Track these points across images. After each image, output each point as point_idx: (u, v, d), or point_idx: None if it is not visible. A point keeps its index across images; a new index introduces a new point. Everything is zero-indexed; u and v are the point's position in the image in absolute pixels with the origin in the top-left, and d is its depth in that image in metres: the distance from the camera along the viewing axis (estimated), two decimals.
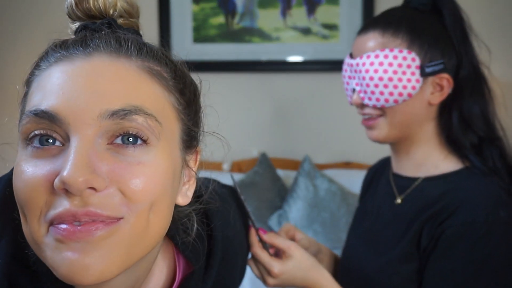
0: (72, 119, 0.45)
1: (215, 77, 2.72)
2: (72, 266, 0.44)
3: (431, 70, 0.91)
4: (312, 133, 2.71)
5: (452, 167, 0.95)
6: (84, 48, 0.49)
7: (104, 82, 0.47)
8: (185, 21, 2.65)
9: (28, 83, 0.52)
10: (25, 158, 0.47)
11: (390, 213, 1.01)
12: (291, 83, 2.68)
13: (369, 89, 0.93)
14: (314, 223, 2.28)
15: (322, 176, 2.40)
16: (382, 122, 0.96)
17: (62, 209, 0.44)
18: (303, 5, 2.60)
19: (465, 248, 0.84)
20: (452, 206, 0.87)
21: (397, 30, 0.93)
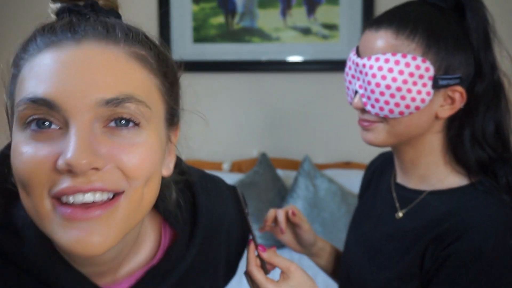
0: (69, 106, 0.48)
1: (215, 77, 2.71)
2: (77, 243, 0.49)
3: (445, 84, 0.81)
4: (312, 133, 2.71)
5: (458, 182, 0.88)
6: (72, 34, 0.51)
7: (97, 71, 0.50)
8: (185, 21, 2.65)
9: (17, 66, 0.53)
10: (24, 140, 0.49)
11: (391, 226, 0.94)
12: (291, 83, 2.68)
13: (374, 95, 0.83)
14: (314, 223, 2.28)
15: (322, 176, 2.40)
16: (380, 128, 0.87)
17: (66, 185, 0.48)
18: (303, 5, 2.60)
19: (471, 276, 0.79)
20: (459, 229, 0.81)
21: (413, 32, 0.82)
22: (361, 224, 1.06)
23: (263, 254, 0.81)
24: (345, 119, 2.65)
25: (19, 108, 0.50)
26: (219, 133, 2.75)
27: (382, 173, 1.07)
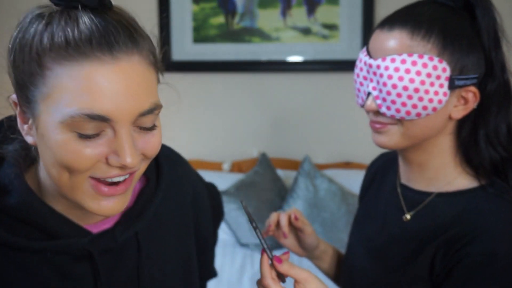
0: (118, 118, 0.60)
1: (215, 77, 2.72)
2: (104, 210, 0.64)
3: (462, 84, 0.80)
4: (312, 133, 2.71)
5: (467, 184, 0.86)
6: (108, 48, 0.59)
7: (136, 87, 0.60)
8: (185, 21, 2.65)
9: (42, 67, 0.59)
10: (70, 140, 0.60)
11: (398, 228, 0.93)
12: (291, 83, 2.68)
13: (390, 97, 0.81)
14: (314, 223, 2.28)
15: (322, 176, 2.40)
16: (394, 130, 0.85)
17: (114, 173, 0.62)
18: (303, 5, 2.60)
19: (483, 280, 0.77)
20: (471, 233, 0.80)
21: (428, 33, 0.80)
22: (365, 225, 1.04)
23: (280, 267, 0.79)
24: (345, 119, 2.65)
25: (73, 119, 0.58)
26: (219, 133, 2.75)
27: (384, 174, 1.05)
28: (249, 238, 2.30)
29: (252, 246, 2.30)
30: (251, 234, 2.30)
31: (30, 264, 0.67)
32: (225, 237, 2.35)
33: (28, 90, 0.61)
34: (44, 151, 0.63)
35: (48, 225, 0.67)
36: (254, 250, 2.28)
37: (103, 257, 0.71)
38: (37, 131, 0.63)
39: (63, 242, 0.68)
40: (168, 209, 0.82)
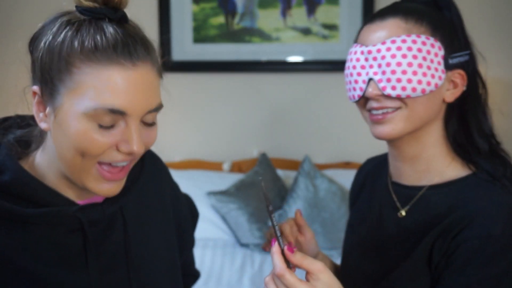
0: (132, 113, 0.72)
1: (215, 77, 2.72)
2: (106, 191, 0.76)
3: (456, 61, 0.85)
4: (312, 133, 2.71)
5: (458, 173, 0.89)
6: (130, 56, 0.71)
7: (148, 91, 0.74)
8: (185, 21, 2.65)
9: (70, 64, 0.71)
10: (90, 129, 0.71)
11: (394, 226, 0.94)
12: (291, 83, 2.68)
13: (395, 76, 0.83)
14: (314, 223, 2.28)
15: (322, 176, 2.40)
16: (399, 115, 0.86)
17: (120, 158, 0.74)
18: (303, 5, 2.61)
19: (481, 263, 0.79)
20: (465, 219, 0.81)
21: (420, 18, 0.86)
22: (360, 228, 1.05)
23: (292, 257, 0.77)
24: (345, 119, 2.65)
25: (97, 111, 0.70)
26: (219, 133, 2.75)
27: (375, 178, 1.06)
28: (249, 238, 2.30)
29: (252, 246, 2.30)
30: (251, 234, 2.30)
31: (26, 236, 0.75)
32: (225, 237, 2.35)
33: (53, 84, 0.72)
34: (59, 136, 0.74)
35: (40, 197, 0.76)
36: (254, 250, 2.28)
37: (93, 230, 0.80)
38: (54, 118, 0.73)
39: (55, 209, 0.76)
40: (150, 198, 0.93)
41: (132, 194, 0.86)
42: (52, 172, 0.78)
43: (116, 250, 0.83)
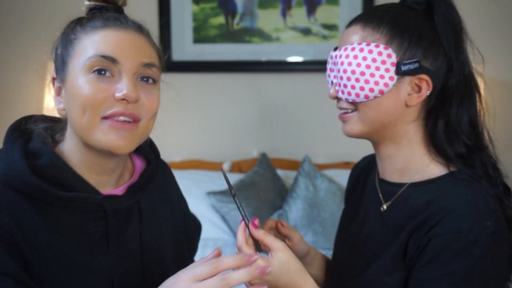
0: (124, 62, 0.82)
1: (215, 77, 2.72)
2: (114, 142, 0.82)
3: (407, 69, 0.88)
4: (312, 133, 2.71)
5: (438, 172, 0.92)
6: (120, 23, 0.85)
7: (139, 46, 0.85)
8: (185, 22, 2.65)
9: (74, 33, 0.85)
10: (89, 79, 0.81)
11: (377, 220, 0.98)
12: (291, 83, 2.69)
13: (343, 82, 0.91)
14: (314, 223, 2.29)
15: (322, 176, 2.40)
16: (354, 117, 0.93)
17: (119, 109, 0.81)
18: (303, 5, 2.61)
19: (450, 257, 0.82)
20: (438, 215, 0.85)
21: (378, 25, 0.90)
22: (348, 225, 1.08)
23: (255, 233, 0.84)
24: None
25: (91, 60, 0.81)
26: (219, 133, 2.75)
27: (367, 175, 1.10)
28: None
29: None
30: None
31: (56, 218, 0.82)
32: (225, 237, 2.35)
33: (63, 61, 0.85)
34: (70, 103, 0.83)
35: (71, 182, 0.84)
36: None
37: (114, 219, 0.87)
38: (66, 92, 0.84)
39: (83, 195, 0.84)
40: (161, 199, 1.01)
41: (147, 191, 0.95)
42: (75, 160, 0.87)
43: (132, 239, 0.90)
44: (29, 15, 2.70)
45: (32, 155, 0.84)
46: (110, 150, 0.82)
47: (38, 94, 2.68)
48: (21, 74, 2.73)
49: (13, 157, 0.82)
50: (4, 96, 2.75)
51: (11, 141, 0.85)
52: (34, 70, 2.71)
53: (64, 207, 0.83)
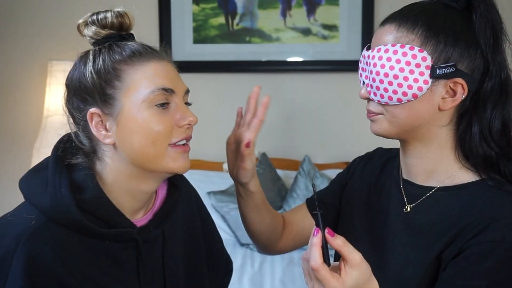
0: (178, 91, 0.89)
1: (215, 77, 2.72)
2: (182, 166, 0.89)
3: (442, 72, 0.85)
4: (312, 133, 2.72)
5: (468, 178, 0.90)
6: (158, 55, 0.90)
7: (177, 75, 0.92)
8: (185, 22, 2.66)
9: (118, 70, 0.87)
10: (153, 113, 0.86)
11: (400, 221, 0.95)
12: (291, 83, 2.69)
13: (375, 84, 0.88)
14: None
15: (322, 176, 2.40)
16: (382, 118, 0.91)
17: (184, 135, 0.89)
18: (303, 5, 2.61)
19: (492, 266, 0.79)
20: (481, 225, 0.82)
21: (413, 25, 0.86)
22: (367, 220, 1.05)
23: (333, 242, 0.76)
24: (345, 119, 2.66)
25: (154, 93, 0.85)
26: (220, 134, 2.75)
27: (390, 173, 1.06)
28: (248, 238, 2.31)
29: (252, 246, 2.31)
30: None
31: (94, 248, 0.86)
32: (225, 237, 2.35)
33: (108, 95, 0.86)
34: (127, 138, 0.87)
35: (111, 217, 0.87)
36: (254, 250, 2.29)
37: (143, 248, 0.92)
38: (117, 127, 0.86)
39: (122, 231, 0.88)
40: (183, 220, 1.05)
41: (172, 219, 0.99)
42: (117, 189, 0.90)
43: (156, 264, 0.95)
44: (30, 15, 2.70)
45: (76, 188, 0.85)
46: (178, 172, 0.90)
47: (38, 94, 2.69)
48: (21, 74, 2.73)
49: (61, 193, 0.83)
50: (4, 96, 2.75)
51: (57, 173, 0.86)
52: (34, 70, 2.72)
53: (100, 239, 0.86)
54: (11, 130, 2.75)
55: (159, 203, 0.99)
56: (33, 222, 0.82)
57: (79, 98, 0.88)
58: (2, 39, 2.73)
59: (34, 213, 0.83)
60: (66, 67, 2.43)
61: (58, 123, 2.39)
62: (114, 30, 0.90)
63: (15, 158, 2.72)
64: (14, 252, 0.78)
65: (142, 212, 0.95)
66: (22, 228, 0.81)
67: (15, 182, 0.95)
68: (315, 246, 0.75)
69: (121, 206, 0.89)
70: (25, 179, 0.90)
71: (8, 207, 0.99)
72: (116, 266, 0.89)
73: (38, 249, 0.80)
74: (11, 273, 0.78)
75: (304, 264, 0.79)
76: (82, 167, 0.88)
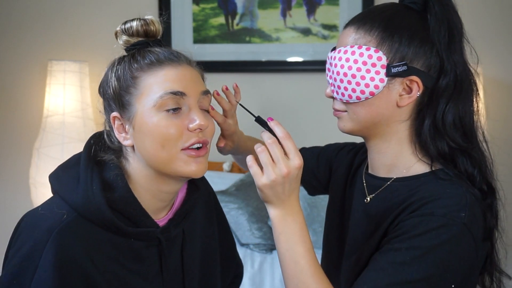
0: (189, 94, 0.91)
1: (215, 77, 2.71)
2: (194, 170, 0.90)
3: (396, 71, 0.90)
4: (312, 133, 2.72)
5: (422, 170, 0.94)
6: (174, 59, 0.92)
7: (194, 77, 0.94)
8: (185, 22, 2.66)
9: (135, 78, 0.90)
10: (163, 117, 0.88)
11: (361, 212, 1.01)
12: (291, 83, 2.69)
13: (337, 83, 0.94)
14: (314, 223, 2.29)
15: None
16: (345, 116, 0.97)
17: (195, 139, 0.90)
18: (303, 5, 2.61)
19: (416, 234, 0.84)
20: (418, 203, 0.88)
21: (371, 27, 0.92)
22: (335, 212, 1.14)
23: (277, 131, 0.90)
24: None
25: (162, 98, 0.88)
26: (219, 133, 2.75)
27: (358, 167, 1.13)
28: (249, 238, 2.31)
29: (252, 246, 2.31)
30: (251, 234, 2.31)
31: (119, 245, 0.89)
32: None
33: (125, 100, 0.90)
34: (142, 142, 0.90)
35: (137, 216, 0.91)
36: (254, 250, 2.29)
37: (165, 246, 0.96)
38: (134, 129, 0.90)
39: (146, 230, 0.92)
40: (201, 219, 1.09)
41: (191, 218, 1.03)
42: (142, 190, 0.93)
43: (175, 262, 0.99)
44: (30, 15, 2.70)
45: (107, 186, 0.89)
46: (191, 177, 0.91)
47: (38, 94, 2.69)
48: (21, 74, 2.74)
49: (93, 191, 0.86)
50: (5, 96, 2.75)
51: (89, 171, 0.89)
52: (34, 70, 2.72)
53: (126, 237, 0.90)
54: (11, 130, 2.75)
55: (178, 202, 1.01)
56: (64, 217, 0.85)
57: (106, 102, 0.94)
58: (2, 39, 2.73)
59: (65, 208, 0.86)
60: (66, 67, 2.43)
61: (58, 123, 2.39)
62: (141, 37, 0.94)
63: (15, 158, 2.72)
64: (45, 244, 0.81)
65: (164, 211, 0.98)
66: (53, 222, 0.84)
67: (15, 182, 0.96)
68: (278, 124, 0.93)
69: (145, 206, 0.92)
70: (55, 174, 0.93)
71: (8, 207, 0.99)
72: (138, 263, 0.92)
73: (68, 243, 0.83)
74: (40, 264, 0.80)
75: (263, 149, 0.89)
76: (113, 165, 0.92)
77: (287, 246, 0.88)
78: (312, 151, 1.33)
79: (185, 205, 1.01)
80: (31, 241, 0.83)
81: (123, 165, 0.94)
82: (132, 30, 0.94)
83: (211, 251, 1.11)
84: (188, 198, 1.02)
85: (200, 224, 1.08)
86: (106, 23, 2.59)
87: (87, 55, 2.63)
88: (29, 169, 2.45)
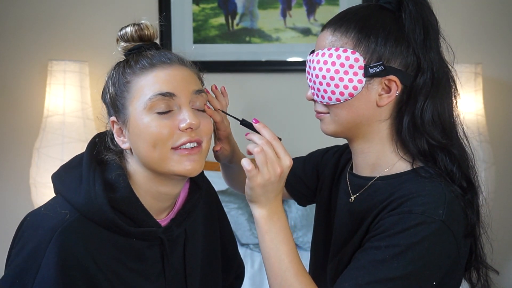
0: (179, 94, 0.90)
1: (215, 77, 2.72)
2: (187, 168, 0.90)
3: (374, 71, 0.90)
4: (312, 133, 2.72)
5: (403, 168, 0.95)
6: (165, 60, 0.93)
7: (186, 77, 0.93)
8: (185, 22, 2.66)
9: (126, 77, 0.92)
10: (153, 118, 0.89)
11: (345, 211, 1.02)
12: (291, 83, 2.69)
13: (316, 86, 0.96)
14: None
15: None
16: (327, 118, 0.98)
17: (186, 138, 0.89)
18: (303, 5, 2.61)
19: (395, 232, 0.85)
20: (398, 201, 0.88)
21: (347, 29, 0.92)
22: (323, 213, 1.15)
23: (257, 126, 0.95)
24: None
25: (152, 100, 0.88)
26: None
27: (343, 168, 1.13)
28: (249, 238, 2.31)
29: (252, 246, 2.31)
30: (251, 234, 2.31)
31: (121, 245, 0.90)
32: None
33: (120, 104, 0.92)
34: (136, 142, 0.91)
35: (139, 216, 0.91)
36: (254, 250, 2.29)
37: (167, 245, 0.96)
38: (129, 132, 0.91)
39: (148, 230, 0.92)
40: (202, 218, 1.10)
41: (193, 217, 1.03)
42: (144, 191, 0.94)
43: (177, 261, 1.00)
44: (30, 15, 2.71)
45: (109, 186, 0.90)
46: (185, 175, 0.91)
47: (38, 94, 2.69)
48: (21, 74, 2.74)
49: (95, 191, 0.87)
50: (5, 96, 2.75)
51: (91, 171, 0.90)
52: (34, 70, 2.72)
53: (128, 237, 0.91)
54: (11, 130, 2.76)
55: (180, 202, 1.02)
56: (67, 217, 0.86)
57: (106, 107, 0.97)
58: (2, 39, 2.73)
59: (68, 208, 0.87)
60: (66, 67, 2.43)
61: (58, 123, 2.39)
62: (137, 42, 0.96)
63: (15, 158, 2.72)
64: (47, 244, 0.82)
65: (166, 211, 0.99)
66: (56, 222, 0.85)
67: (15, 182, 0.96)
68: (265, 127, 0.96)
69: (147, 206, 0.93)
70: (58, 175, 0.94)
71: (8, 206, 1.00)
72: (140, 262, 0.93)
73: (71, 242, 0.84)
74: (43, 264, 0.81)
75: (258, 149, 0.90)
76: (115, 165, 0.94)
77: (272, 245, 0.90)
78: (298, 160, 1.34)
79: (187, 204, 1.01)
80: (34, 240, 0.83)
81: (124, 166, 0.95)
82: (127, 36, 0.96)
83: (213, 251, 1.11)
84: (190, 198, 1.03)
85: (202, 223, 1.09)
86: (106, 23, 2.59)
87: (87, 55, 2.63)
88: (29, 169, 2.45)
